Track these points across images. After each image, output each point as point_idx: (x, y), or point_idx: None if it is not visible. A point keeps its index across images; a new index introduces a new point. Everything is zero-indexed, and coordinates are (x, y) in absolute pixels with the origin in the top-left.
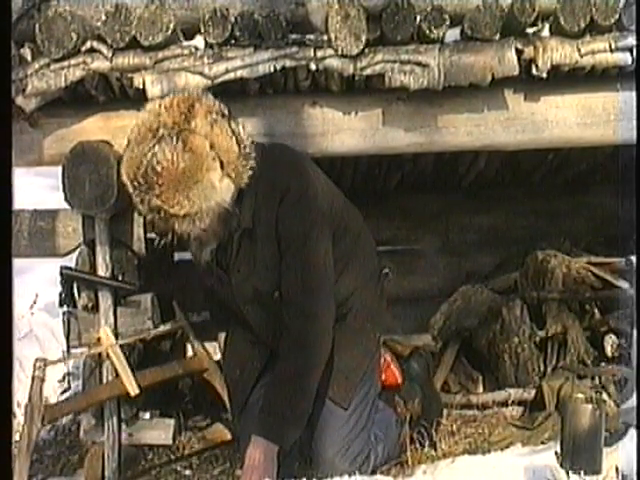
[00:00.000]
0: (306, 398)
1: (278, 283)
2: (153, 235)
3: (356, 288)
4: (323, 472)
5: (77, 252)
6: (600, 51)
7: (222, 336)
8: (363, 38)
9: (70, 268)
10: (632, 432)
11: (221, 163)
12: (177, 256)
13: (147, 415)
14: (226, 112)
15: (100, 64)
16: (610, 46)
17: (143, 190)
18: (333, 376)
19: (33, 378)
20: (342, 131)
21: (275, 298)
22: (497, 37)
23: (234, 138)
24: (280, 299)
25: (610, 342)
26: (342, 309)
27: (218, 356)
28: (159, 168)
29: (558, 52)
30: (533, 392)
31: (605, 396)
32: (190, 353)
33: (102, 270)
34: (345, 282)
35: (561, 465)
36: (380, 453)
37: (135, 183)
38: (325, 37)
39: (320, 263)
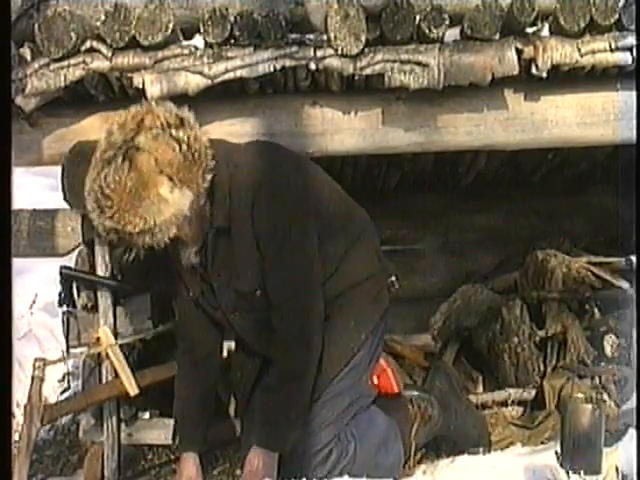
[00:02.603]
0: (301, 401)
1: (259, 283)
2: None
3: (346, 290)
4: (284, 464)
5: (76, 252)
6: (600, 51)
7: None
8: (363, 38)
9: (69, 268)
10: (632, 432)
11: (169, 177)
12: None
13: (147, 415)
14: (172, 121)
15: (100, 64)
16: (610, 46)
17: (97, 215)
18: None
19: (32, 378)
20: (342, 131)
21: (257, 297)
22: (497, 37)
23: (178, 148)
24: (261, 298)
25: (610, 342)
26: (328, 309)
27: None
28: (108, 191)
29: (558, 52)
30: (533, 392)
31: (605, 396)
32: None
33: (101, 270)
34: (334, 283)
35: (561, 465)
36: (351, 452)
37: (89, 208)
38: (325, 37)
39: (303, 259)
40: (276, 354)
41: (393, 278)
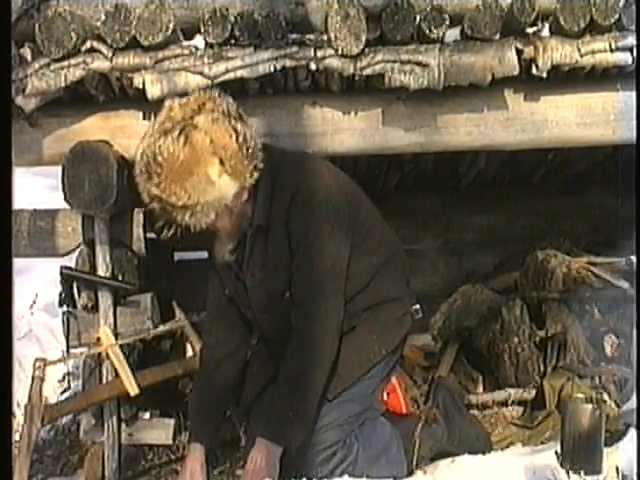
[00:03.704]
0: (310, 400)
1: (289, 284)
2: (154, 235)
3: (374, 305)
4: (288, 457)
5: (77, 252)
6: (600, 51)
7: None
8: (363, 38)
9: (70, 268)
10: (632, 432)
11: (220, 160)
12: (177, 256)
13: (147, 415)
14: (232, 112)
15: (100, 64)
16: (610, 46)
17: (144, 179)
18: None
19: (33, 378)
20: (342, 131)
21: (286, 299)
22: (497, 37)
23: (234, 137)
24: (290, 300)
25: (610, 342)
26: (352, 321)
27: None
28: (160, 159)
29: (558, 52)
30: (533, 392)
31: (605, 396)
32: (190, 353)
33: (102, 270)
34: (363, 298)
35: (561, 465)
36: (353, 455)
37: (138, 171)
38: (325, 37)
39: (329, 265)
40: (291, 352)
41: (417, 306)
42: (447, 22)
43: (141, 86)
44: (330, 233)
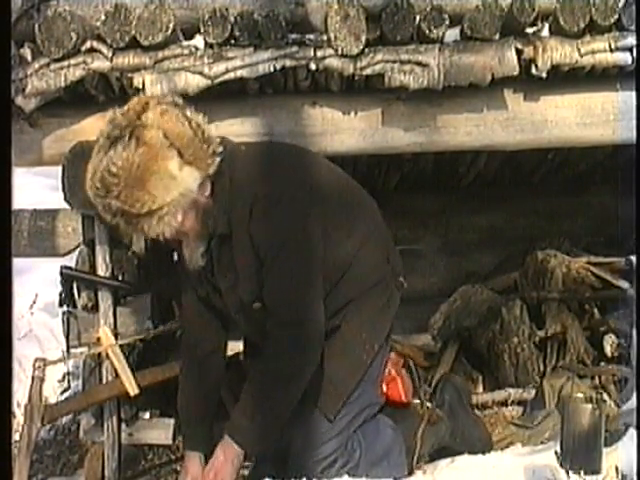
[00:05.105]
0: (282, 408)
1: (258, 294)
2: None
3: (355, 297)
4: (290, 468)
5: (77, 252)
6: (600, 51)
7: None
8: (363, 38)
9: (70, 268)
10: (632, 432)
11: (179, 151)
12: (176, 256)
13: (147, 415)
14: (179, 103)
15: (100, 64)
16: (610, 46)
17: (102, 195)
18: (322, 386)
19: (33, 378)
20: (342, 131)
21: (255, 309)
22: (497, 37)
23: (187, 123)
24: (261, 310)
25: (610, 342)
26: (335, 320)
27: None
28: (114, 169)
29: (558, 52)
30: (533, 392)
31: (605, 396)
32: None
33: (102, 270)
34: (342, 291)
35: (561, 465)
36: (355, 460)
37: (94, 190)
38: (325, 37)
39: (302, 270)
40: (267, 356)
41: (401, 279)
42: (447, 22)
43: (141, 86)
44: (298, 236)
